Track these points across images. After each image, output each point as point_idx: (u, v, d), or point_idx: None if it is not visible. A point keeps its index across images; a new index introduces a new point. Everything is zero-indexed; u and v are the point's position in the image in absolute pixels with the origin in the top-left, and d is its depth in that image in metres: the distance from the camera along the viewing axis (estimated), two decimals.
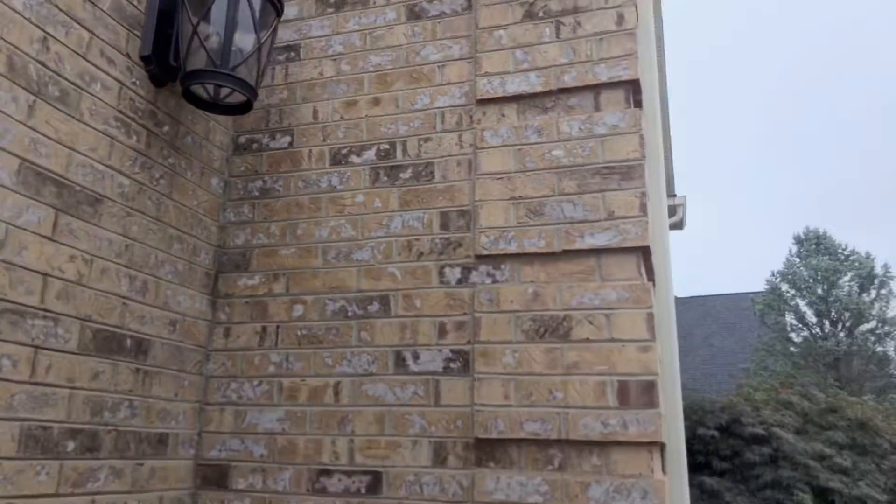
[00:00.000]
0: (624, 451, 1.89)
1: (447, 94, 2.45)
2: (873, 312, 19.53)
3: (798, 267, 21.24)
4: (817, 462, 4.00)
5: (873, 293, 20.03)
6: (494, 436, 1.99)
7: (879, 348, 19.35)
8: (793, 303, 20.65)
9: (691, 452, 4.44)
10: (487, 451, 2.00)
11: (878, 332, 19.48)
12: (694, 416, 4.67)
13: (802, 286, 20.56)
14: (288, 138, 2.59)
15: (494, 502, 1.93)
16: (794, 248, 22.11)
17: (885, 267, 20.44)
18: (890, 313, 19.61)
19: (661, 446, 2.28)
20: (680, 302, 29.34)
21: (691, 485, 4.18)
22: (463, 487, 1.99)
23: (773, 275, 21.69)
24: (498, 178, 2.27)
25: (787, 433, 4.26)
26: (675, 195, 10.37)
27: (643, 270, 2.09)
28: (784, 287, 21.02)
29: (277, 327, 2.35)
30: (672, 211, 10.07)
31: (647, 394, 1.91)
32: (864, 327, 19.52)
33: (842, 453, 4.12)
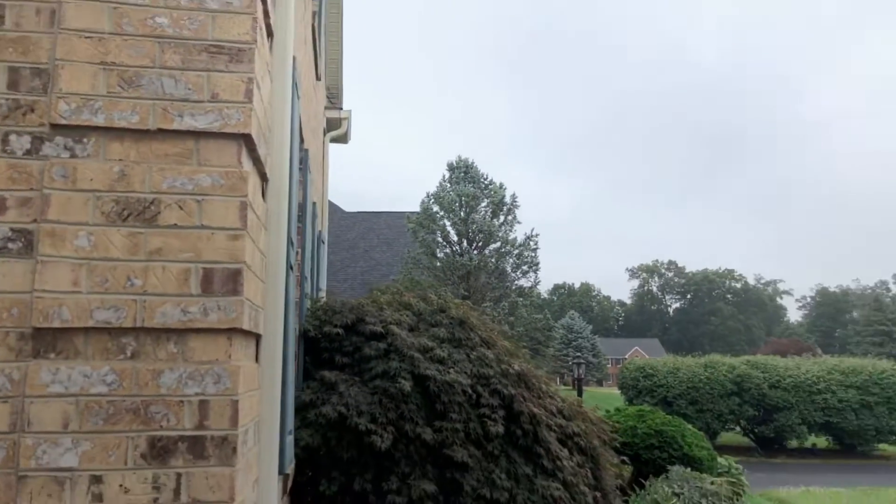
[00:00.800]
0: (202, 338, 1.86)
1: None
2: (500, 234, 22.99)
3: (448, 191, 23.72)
4: (421, 354, 4.53)
5: (502, 218, 23.51)
6: (57, 325, 1.79)
7: (501, 265, 23.00)
8: (441, 223, 23.13)
9: (319, 350, 4.70)
10: (48, 341, 1.79)
11: (501, 251, 23.06)
12: (325, 317, 4.91)
13: (449, 208, 23.08)
14: None
15: (51, 395, 1.75)
16: (447, 174, 24.61)
17: (514, 197, 24.06)
18: (512, 236, 23.35)
19: (257, 337, 2.33)
20: (347, 216, 30.73)
21: (314, 378, 4.44)
22: (13, 381, 1.76)
23: (427, 196, 23.92)
24: (87, 38, 1.97)
25: (401, 330, 4.72)
26: (340, 108, 10.57)
27: (243, 159, 2.04)
28: (435, 208, 23.36)
29: None
30: (337, 123, 10.27)
31: (232, 281, 1.90)
32: (492, 247, 22.94)
33: (442, 346, 4.73)
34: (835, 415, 14.92)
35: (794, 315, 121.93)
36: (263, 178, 2.43)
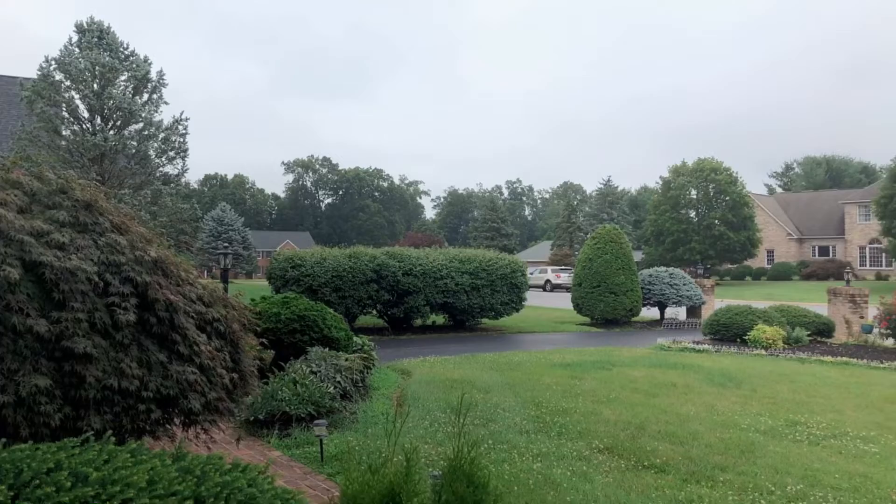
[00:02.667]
0: None
1: None
2: (143, 115, 20.68)
3: (77, 58, 20.28)
4: (34, 238, 4.03)
5: (146, 96, 21.12)
6: None
7: (143, 149, 20.86)
8: (67, 94, 19.80)
9: None
10: None
11: (144, 133, 20.85)
12: None
13: (79, 78, 19.85)
14: None
15: None
16: (76, 37, 20.92)
17: (161, 73, 21.72)
18: (157, 117, 21.20)
19: None
20: None
21: None
22: None
23: (48, 61, 20.11)
24: None
25: (7, 211, 4.12)
26: None
27: None
28: (59, 76, 19.83)
29: None
30: None
31: None
32: (133, 128, 20.55)
33: (62, 230, 4.25)
34: (451, 296, 17.55)
35: (430, 213, 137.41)
36: None
